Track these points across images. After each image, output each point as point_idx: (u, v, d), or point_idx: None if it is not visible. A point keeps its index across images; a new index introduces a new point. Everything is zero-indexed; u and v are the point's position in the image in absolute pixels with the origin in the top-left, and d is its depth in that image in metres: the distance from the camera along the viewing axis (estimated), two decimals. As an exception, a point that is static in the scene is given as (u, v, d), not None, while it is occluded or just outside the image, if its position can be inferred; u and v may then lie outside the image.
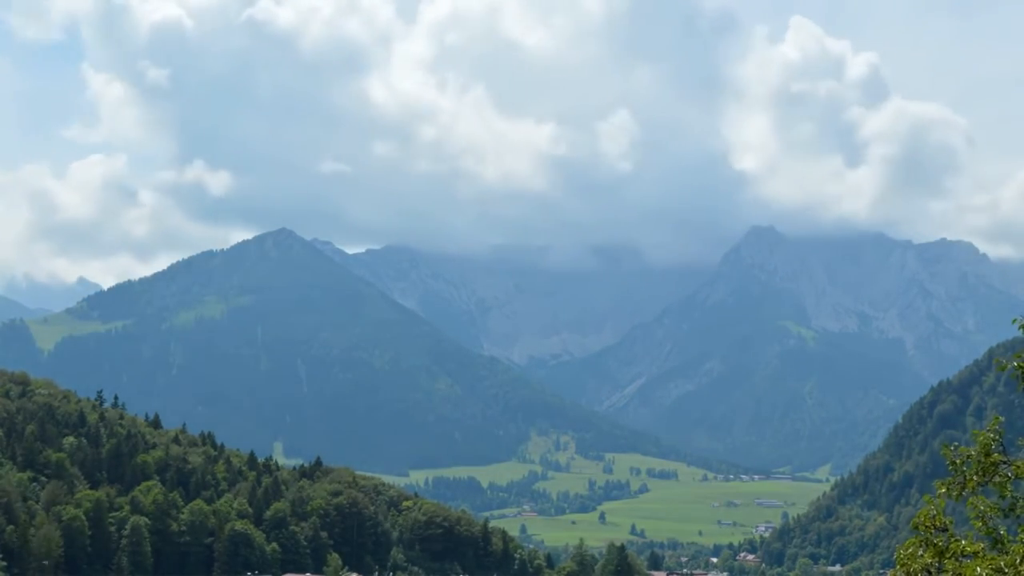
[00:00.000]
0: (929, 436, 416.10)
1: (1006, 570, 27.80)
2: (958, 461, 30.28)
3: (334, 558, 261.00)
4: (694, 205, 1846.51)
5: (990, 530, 29.72)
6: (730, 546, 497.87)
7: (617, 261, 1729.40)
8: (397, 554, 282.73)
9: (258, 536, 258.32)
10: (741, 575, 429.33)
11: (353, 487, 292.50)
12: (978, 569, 27.99)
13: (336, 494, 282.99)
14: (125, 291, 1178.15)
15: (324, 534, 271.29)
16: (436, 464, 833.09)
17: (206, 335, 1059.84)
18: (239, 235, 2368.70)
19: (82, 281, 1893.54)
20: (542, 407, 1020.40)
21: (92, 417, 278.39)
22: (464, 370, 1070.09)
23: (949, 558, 29.31)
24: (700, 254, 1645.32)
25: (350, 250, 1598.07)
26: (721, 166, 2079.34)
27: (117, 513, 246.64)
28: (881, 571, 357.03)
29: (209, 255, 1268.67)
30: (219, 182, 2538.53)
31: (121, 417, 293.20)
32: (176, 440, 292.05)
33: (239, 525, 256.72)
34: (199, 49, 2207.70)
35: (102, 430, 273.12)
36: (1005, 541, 29.61)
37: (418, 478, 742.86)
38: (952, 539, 29.64)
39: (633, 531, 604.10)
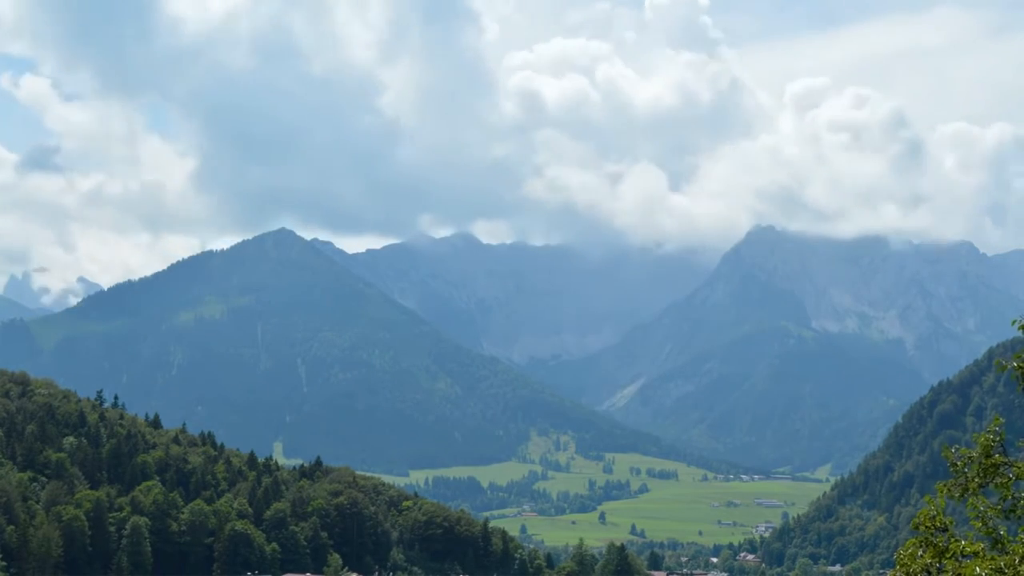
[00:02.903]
0: (929, 436, 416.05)
1: (1006, 570, 27.82)
2: (959, 463, 30.28)
3: (334, 558, 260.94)
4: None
5: (990, 530, 29.73)
6: (730, 546, 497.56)
7: (618, 261, 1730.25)
8: (397, 554, 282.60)
9: (258, 536, 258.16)
10: (741, 575, 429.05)
11: (353, 487, 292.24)
12: (978, 569, 28.00)
13: (336, 494, 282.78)
14: (125, 291, 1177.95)
15: (324, 534, 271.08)
16: (436, 464, 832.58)
17: (206, 335, 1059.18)
18: (239, 235, 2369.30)
19: (82, 281, 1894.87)
20: (542, 407, 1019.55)
21: (92, 417, 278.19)
22: (464, 370, 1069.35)
23: (949, 558, 29.32)
24: (700, 254, 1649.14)
25: (350, 250, 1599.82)
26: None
27: (117, 513, 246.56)
28: (881, 571, 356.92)
29: (209, 255, 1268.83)
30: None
31: (121, 417, 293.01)
32: (176, 440, 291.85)
33: (239, 525, 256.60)
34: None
35: (102, 430, 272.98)
36: (1005, 541, 29.62)
37: (418, 478, 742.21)
38: (952, 539, 29.65)
39: (633, 531, 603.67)
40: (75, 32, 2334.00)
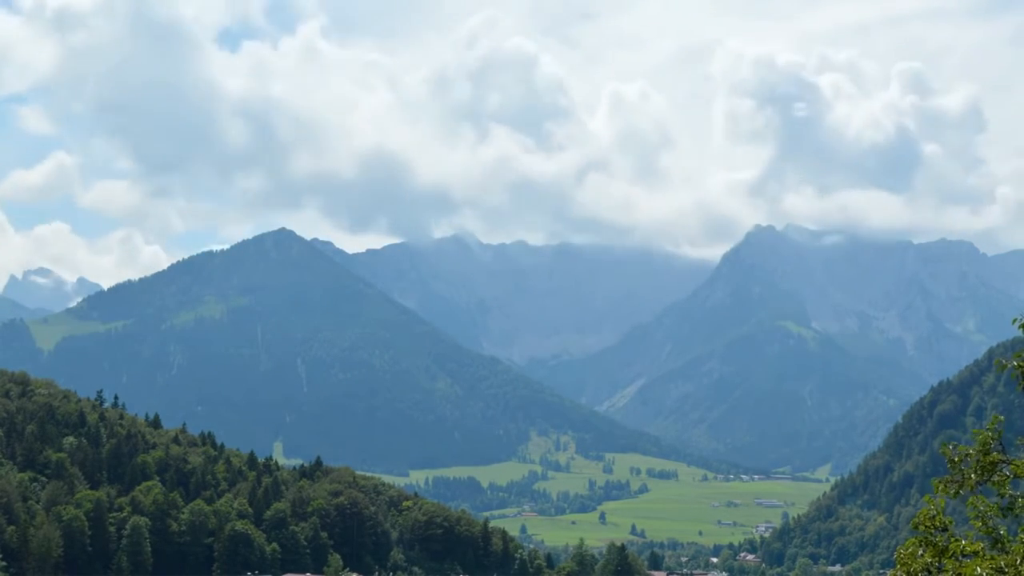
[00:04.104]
0: (929, 436, 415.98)
1: (1006, 570, 27.77)
2: (957, 459, 30.25)
3: (334, 558, 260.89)
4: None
5: (990, 530, 29.69)
6: (730, 546, 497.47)
7: (618, 261, 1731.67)
8: (397, 554, 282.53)
9: (258, 536, 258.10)
10: (741, 575, 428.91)
11: (353, 487, 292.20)
12: (978, 569, 27.95)
13: (336, 494, 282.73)
14: (125, 291, 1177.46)
15: (324, 534, 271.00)
16: (436, 464, 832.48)
17: (206, 335, 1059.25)
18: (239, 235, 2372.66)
19: (82, 281, 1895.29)
20: (542, 407, 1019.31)
21: (92, 417, 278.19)
22: (464, 370, 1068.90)
23: (949, 558, 29.28)
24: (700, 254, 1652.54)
25: (350, 250, 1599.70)
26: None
27: (117, 513, 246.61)
28: (881, 571, 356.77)
29: (209, 255, 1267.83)
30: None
31: (121, 417, 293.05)
32: (176, 440, 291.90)
33: (239, 525, 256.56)
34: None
35: (102, 430, 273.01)
36: (1005, 540, 29.59)
37: (418, 478, 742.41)
38: (952, 539, 29.61)
39: (633, 531, 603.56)
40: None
